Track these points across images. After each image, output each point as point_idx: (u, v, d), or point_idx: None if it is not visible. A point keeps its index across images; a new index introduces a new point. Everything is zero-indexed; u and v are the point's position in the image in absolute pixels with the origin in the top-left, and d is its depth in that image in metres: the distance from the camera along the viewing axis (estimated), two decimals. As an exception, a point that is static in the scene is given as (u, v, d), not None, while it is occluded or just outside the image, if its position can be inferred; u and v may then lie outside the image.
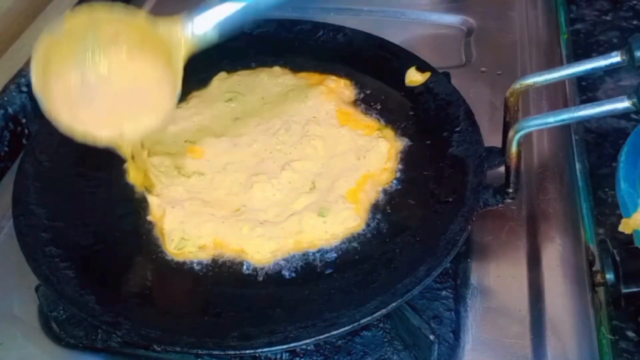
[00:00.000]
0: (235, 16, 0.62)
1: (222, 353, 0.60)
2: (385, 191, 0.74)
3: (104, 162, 0.78)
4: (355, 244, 0.69)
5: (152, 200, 0.73)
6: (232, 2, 0.62)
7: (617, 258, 0.69)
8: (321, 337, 0.60)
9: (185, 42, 0.63)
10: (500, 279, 0.72)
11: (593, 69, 0.66)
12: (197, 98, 0.85)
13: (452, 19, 1.09)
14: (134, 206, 0.74)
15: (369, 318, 0.60)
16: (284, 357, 0.66)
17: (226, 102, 0.84)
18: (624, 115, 0.88)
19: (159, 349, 0.60)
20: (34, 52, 0.61)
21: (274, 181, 0.74)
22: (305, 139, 0.78)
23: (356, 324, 0.60)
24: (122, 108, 0.64)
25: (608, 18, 1.08)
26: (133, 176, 0.75)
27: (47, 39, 0.61)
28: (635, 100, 0.59)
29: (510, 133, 0.66)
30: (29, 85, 0.94)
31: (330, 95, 0.84)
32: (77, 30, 0.62)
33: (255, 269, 0.67)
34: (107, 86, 0.63)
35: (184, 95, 0.85)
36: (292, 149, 0.78)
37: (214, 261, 0.68)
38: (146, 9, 1.16)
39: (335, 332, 0.60)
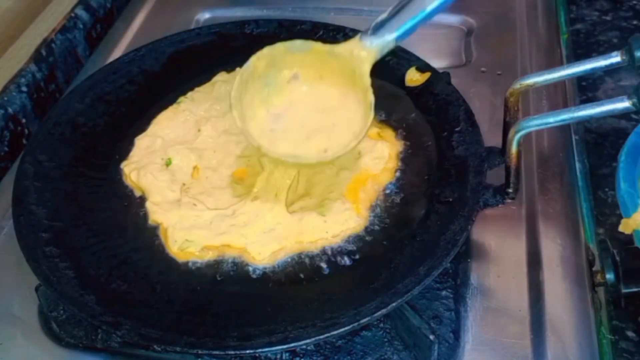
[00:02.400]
0: (411, 24, 0.65)
1: (222, 353, 0.60)
2: (385, 191, 0.74)
3: (104, 162, 0.78)
4: (355, 244, 0.69)
5: (152, 201, 0.73)
6: (406, 10, 0.65)
7: (617, 258, 0.69)
8: (321, 337, 0.60)
9: (367, 56, 0.66)
10: (500, 279, 0.72)
11: (593, 69, 0.66)
12: (199, 98, 0.85)
13: (452, 19, 1.09)
14: (134, 206, 0.74)
15: (369, 318, 0.60)
16: (284, 357, 0.67)
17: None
18: (624, 115, 0.88)
19: (159, 349, 0.60)
20: (232, 95, 0.67)
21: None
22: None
23: (356, 324, 0.60)
24: (318, 132, 0.68)
25: (608, 18, 1.08)
26: (128, 174, 0.76)
27: (238, 80, 0.67)
28: (635, 100, 0.59)
29: (510, 133, 0.66)
30: (28, 85, 0.95)
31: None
32: (259, 71, 0.68)
33: (256, 269, 0.67)
34: (297, 116, 0.68)
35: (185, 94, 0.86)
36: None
37: (216, 261, 0.68)
38: (146, 9, 1.16)
39: (335, 332, 0.60)
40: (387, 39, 0.66)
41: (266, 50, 0.69)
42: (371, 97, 0.67)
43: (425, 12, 0.65)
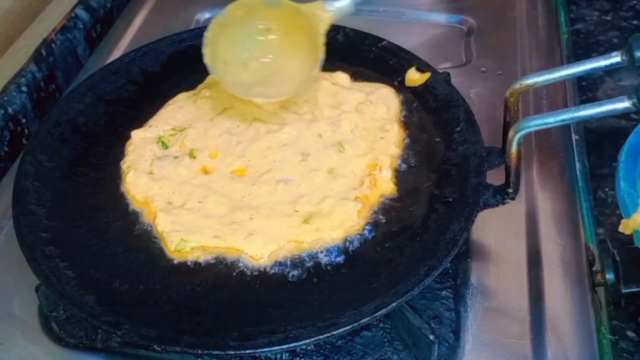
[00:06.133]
0: None
1: (222, 353, 0.60)
2: (385, 191, 0.74)
3: (104, 162, 0.78)
4: (355, 245, 0.69)
5: (150, 201, 0.73)
6: None
7: (617, 258, 0.69)
8: (321, 337, 0.60)
9: (325, 17, 0.76)
10: (500, 279, 0.72)
11: (593, 69, 0.67)
12: (195, 97, 0.85)
13: (452, 19, 1.09)
14: (133, 206, 0.74)
15: (369, 318, 0.60)
16: (284, 357, 0.67)
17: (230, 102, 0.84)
18: (624, 115, 0.88)
19: (159, 349, 0.60)
20: (207, 31, 0.78)
21: (274, 181, 0.74)
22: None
23: (356, 324, 0.60)
24: (272, 78, 0.78)
25: (608, 18, 1.08)
26: (130, 182, 0.75)
27: (215, 22, 0.78)
28: (635, 100, 0.59)
29: (510, 133, 0.66)
30: (29, 85, 0.95)
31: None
32: (237, 18, 0.78)
33: (255, 270, 0.67)
34: (259, 62, 0.79)
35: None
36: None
37: (215, 261, 0.68)
38: (146, 9, 1.16)
39: (335, 332, 0.60)
40: (345, 3, 0.75)
41: (244, 0, 0.78)
42: (321, 54, 0.75)
43: None
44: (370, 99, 0.82)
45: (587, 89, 0.96)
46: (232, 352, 0.60)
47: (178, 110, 0.83)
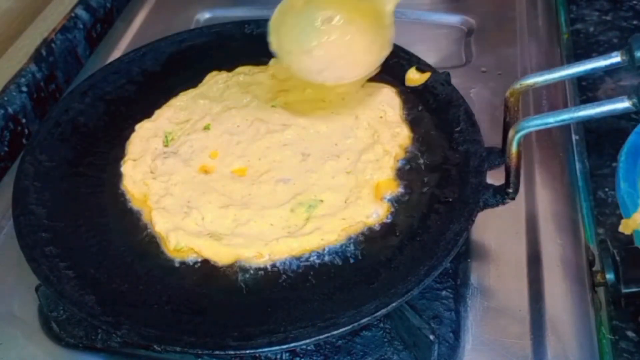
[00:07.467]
0: None
1: (222, 353, 0.60)
2: (385, 192, 0.74)
3: (104, 162, 0.78)
4: (355, 245, 0.69)
5: (150, 201, 0.73)
6: None
7: (617, 258, 0.69)
8: (321, 337, 0.60)
9: None
10: (500, 279, 0.72)
11: (593, 69, 0.66)
12: (196, 97, 0.85)
13: (452, 19, 1.09)
14: (133, 206, 0.74)
15: (369, 318, 0.60)
16: (284, 357, 0.67)
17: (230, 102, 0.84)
18: (624, 115, 0.88)
19: (159, 348, 0.60)
20: (271, 19, 0.77)
21: (274, 181, 0.74)
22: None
23: (356, 324, 0.60)
24: (338, 62, 0.78)
25: (608, 18, 1.08)
26: (128, 181, 0.75)
27: (278, 10, 0.77)
28: (635, 100, 0.59)
29: (511, 133, 0.66)
30: (29, 85, 0.95)
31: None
32: (298, 8, 0.78)
33: (255, 269, 0.67)
34: (323, 49, 0.79)
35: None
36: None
37: (215, 262, 0.68)
38: (146, 9, 1.16)
39: (335, 332, 0.60)
40: None
41: None
42: (391, 34, 0.76)
43: None
44: (371, 100, 0.82)
45: (587, 89, 0.96)
46: (232, 352, 0.60)
47: (179, 110, 0.83)
